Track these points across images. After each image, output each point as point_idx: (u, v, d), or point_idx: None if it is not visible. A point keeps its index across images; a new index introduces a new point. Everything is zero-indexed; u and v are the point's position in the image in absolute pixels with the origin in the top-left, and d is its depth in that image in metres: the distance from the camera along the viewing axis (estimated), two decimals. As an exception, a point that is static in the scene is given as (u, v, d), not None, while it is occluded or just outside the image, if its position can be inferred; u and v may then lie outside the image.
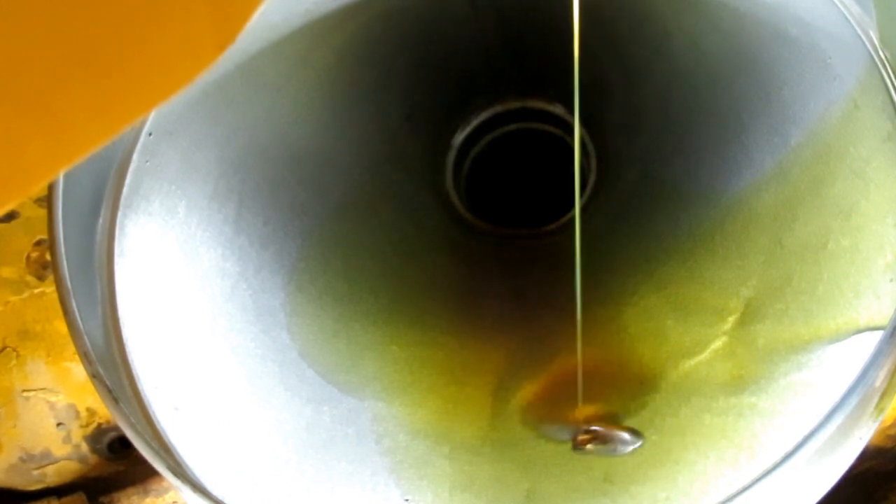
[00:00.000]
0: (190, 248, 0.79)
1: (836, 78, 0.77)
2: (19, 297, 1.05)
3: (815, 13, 0.77)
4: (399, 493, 0.74)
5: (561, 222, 0.93)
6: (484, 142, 1.00)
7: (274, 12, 0.83)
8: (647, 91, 0.89)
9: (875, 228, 0.74)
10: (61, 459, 1.07)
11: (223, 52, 0.29)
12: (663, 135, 0.88)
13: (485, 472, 0.75)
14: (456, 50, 0.92)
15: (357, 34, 0.87)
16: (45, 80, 0.26)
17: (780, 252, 0.77)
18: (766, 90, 0.81)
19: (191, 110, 0.80)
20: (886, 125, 0.75)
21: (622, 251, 0.86)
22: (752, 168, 0.81)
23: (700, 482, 0.71)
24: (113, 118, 0.28)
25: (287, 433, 0.76)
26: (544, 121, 0.99)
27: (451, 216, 0.95)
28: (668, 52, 0.87)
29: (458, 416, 0.78)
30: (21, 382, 1.05)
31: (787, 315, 0.75)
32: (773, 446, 0.70)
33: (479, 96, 0.98)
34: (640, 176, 0.89)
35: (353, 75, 0.88)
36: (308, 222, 0.84)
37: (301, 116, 0.86)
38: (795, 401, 0.71)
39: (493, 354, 0.83)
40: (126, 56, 0.27)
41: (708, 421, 0.73)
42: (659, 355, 0.78)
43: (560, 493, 0.74)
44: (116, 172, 0.78)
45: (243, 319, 0.79)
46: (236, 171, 0.82)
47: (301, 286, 0.82)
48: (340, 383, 0.79)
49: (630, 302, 0.82)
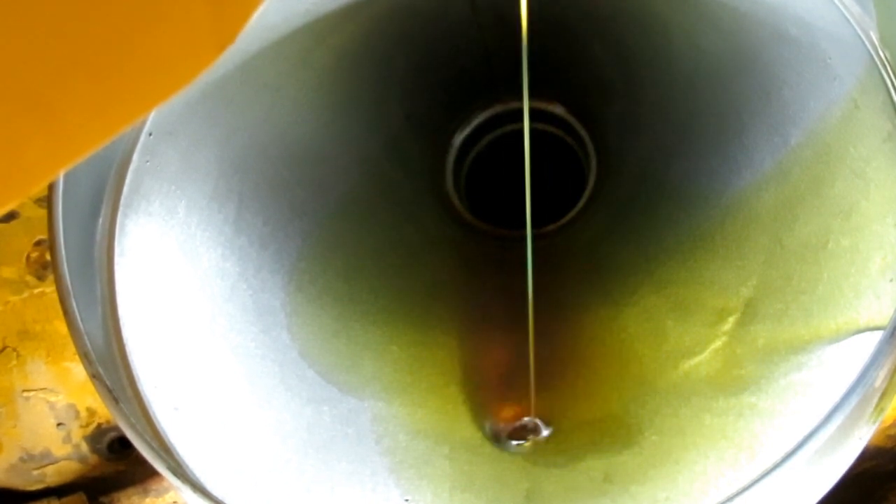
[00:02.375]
0: (190, 248, 0.79)
1: (836, 78, 0.77)
2: (19, 297, 1.05)
3: (815, 13, 0.77)
4: (399, 493, 0.74)
5: (561, 223, 0.93)
6: (484, 142, 1.00)
7: (274, 12, 0.83)
8: (647, 91, 0.89)
9: (875, 228, 0.74)
10: (61, 459, 1.07)
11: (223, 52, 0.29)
12: (663, 135, 0.88)
13: (485, 472, 0.75)
14: (456, 50, 0.92)
15: (357, 34, 0.87)
16: (45, 80, 0.26)
17: (780, 252, 0.77)
18: (766, 90, 0.81)
19: (191, 110, 0.81)
20: (886, 125, 0.75)
21: (622, 251, 0.86)
22: (752, 168, 0.81)
23: (700, 482, 0.71)
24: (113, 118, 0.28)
25: (287, 433, 0.76)
26: (544, 121, 0.99)
27: (451, 216, 0.95)
28: (668, 52, 0.87)
29: (458, 416, 0.78)
30: (21, 382, 1.05)
31: (787, 315, 0.75)
32: (773, 446, 0.70)
33: (479, 96, 0.98)
34: (640, 176, 0.89)
35: (353, 75, 0.88)
36: (308, 222, 0.84)
37: (301, 116, 0.86)
38: (795, 401, 0.71)
39: (493, 354, 0.83)
40: (126, 56, 0.27)
41: (708, 421, 0.73)
42: (659, 355, 0.78)
43: (560, 493, 0.74)
44: (116, 172, 0.78)
45: (243, 319, 0.79)
46: (236, 171, 0.82)
47: (301, 286, 0.82)
48: (340, 383, 0.79)
49: (630, 302, 0.82)
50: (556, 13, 0.88)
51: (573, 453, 0.75)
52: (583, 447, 0.76)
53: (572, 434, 0.77)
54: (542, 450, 0.76)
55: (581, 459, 0.74)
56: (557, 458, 0.75)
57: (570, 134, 0.98)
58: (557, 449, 0.76)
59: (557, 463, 0.75)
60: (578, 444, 0.76)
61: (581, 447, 0.76)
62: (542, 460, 0.76)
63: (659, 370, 0.77)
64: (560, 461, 0.75)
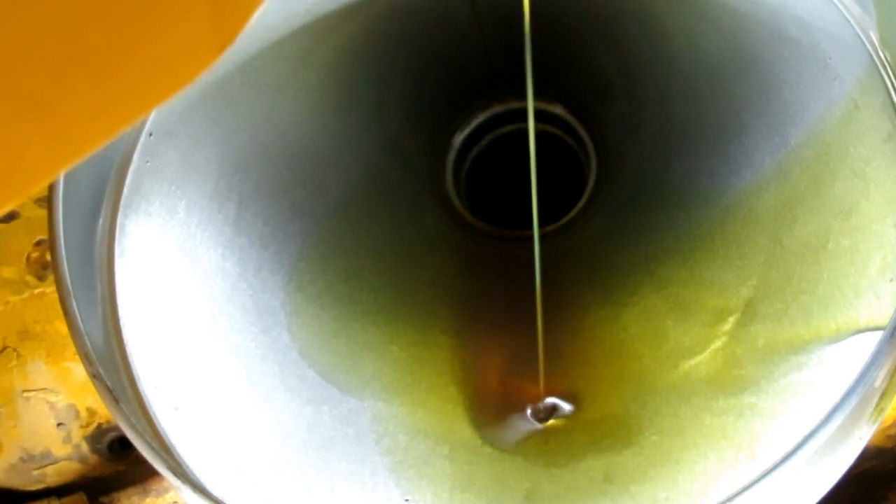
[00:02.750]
0: (190, 248, 0.79)
1: (836, 78, 0.77)
2: (19, 297, 1.05)
3: (815, 13, 0.77)
4: (399, 493, 0.74)
5: (561, 223, 0.93)
6: (484, 142, 1.00)
7: (274, 12, 0.83)
8: (647, 91, 0.89)
9: (875, 228, 0.74)
10: (61, 459, 1.07)
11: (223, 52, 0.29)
12: (663, 135, 0.88)
13: (485, 472, 0.75)
14: (456, 50, 0.92)
15: (357, 34, 0.87)
16: (45, 80, 0.26)
17: (780, 252, 0.77)
18: (766, 90, 0.81)
19: (191, 110, 0.81)
20: (886, 125, 0.75)
21: (622, 251, 0.86)
22: (752, 168, 0.81)
23: (700, 482, 0.71)
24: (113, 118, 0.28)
25: (287, 433, 0.76)
26: (544, 121, 0.98)
27: (451, 216, 0.95)
28: (668, 52, 0.87)
29: (458, 416, 0.78)
30: (21, 382, 1.05)
31: (787, 315, 0.75)
32: (773, 446, 0.70)
33: (479, 96, 0.98)
34: (640, 176, 0.89)
35: (353, 75, 0.88)
36: (308, 222, 0.84)
37: (301, 116, 0.86)
38: (795, 401, 0.71)
39: (493, 354, 0.83)
40: (126, 56, 0.27)
41: (708, 421, 0.73)
42: (659, 355, 0.78)
43: (560, 493, 0.74)
44: (116, 172, 0.78)
45: (243, 319, 0.79)
46: (236, 171, 0.82)
47: (301, 286, 0.82)
48: (340, 383, 0.79)
49: (630, 302, 0.82)
50: (557, 13, 0.88)
51: (573, 453, 0.75)
52: (583, 447, 0.76)
53: (572, 434, 0.77)
54: (542, 450, 0.76)
55: (581, 459, 0.74)
56: (557, 458, 0.75)
57: (570, 134, 0.98)
58: (557, 449, 0.76)
59: (557, 463, 0.75)
60: (578, 444, 0.76)
61: (581, 447, 0.76)
62: (542, 460, 0.76)
63: (659, 370, 0.77)
64: (560, 461, 0.75)
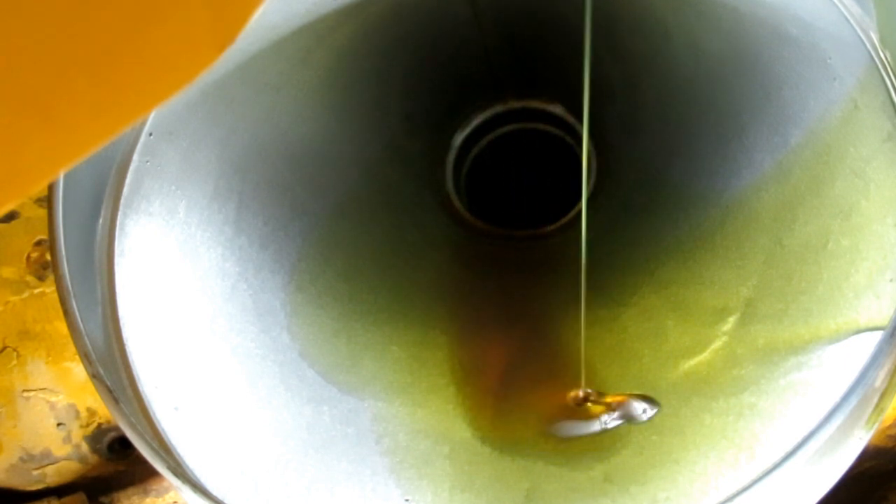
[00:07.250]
0: (190, 248, 0.79)
1: (836, 78, 0.77)
2: (19, 297, 1.05)
3: (815, 13, 0.77)
4: (399, 493, 0.74)
5: (561, 223, 0.93)
6: (484, 142, 1.00)
7: (274, 12, 0.83)
8: (648, 91, 0.89)
9: (875, 228, 0.74)
10: (61, 459, 1.07)
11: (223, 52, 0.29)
12: (663, 135, 0.88)
13: (485, 472, 0.75)
14: (456, 50, 0.92)
15: (357, 34, 0.87)
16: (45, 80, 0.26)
17: (780, 252, 0.77)
18: (766, 90, 0.81)
19: (191, 110, 0.81)
20: (886, 125, 0.75)
21: (622, 251, 0.86)
22: (752, 168, 0.81)
23: (700, 482, 0.71)
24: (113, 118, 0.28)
25: (287, 433, 0.76)
26: (544, 121, 0.99)
27: (451, 216, 0.95)
28: (668, 52, 0.87)
29: (458, 416, 0.78)
30: (21, 382, 1.05)
31: (787, 315, 0.75)
32: (773, 446, 0.70)
33: (479, 96, 0.98)
34: (640, 176, 0.89)
35: (353, 75, 0.88)
36: (308, 222, 0.84)
37: (301, 116, 0.86)
38: (795, 401, 0.71)
39: (493, 354, 0.83)
40: (126, 56, 0.27)
41: (708, 421, 0.73)
42: (659, 355, 0.78)
43: (560, 493, 0.74)
44: (116, 172, 0.79)
45: (243, 319, 0.79)
46: (236, 171, 0.82)
47: (301, 286, 0.82)
48: (340, 383, 0.79)
49: (630, 302, 0.82)
50: (557, 13, 0.88)
51: (573, 453, 0.75)
52: (583, 447, 0.76)
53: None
54: (542, 450, 0.76)
55: (581, 459, 0.74)
56: (557, 458, 0.75)
57: (570, 134, 0.98)
58: (557, 449, 0.76)
59: (557, 463, 0.75)
60: (578, 444, 0.76)
61: (581, 447, 0.76)
62: (542, 460, 0.76)
63: (659, 370, 0.77)
64: (560, 461, 0.75)
